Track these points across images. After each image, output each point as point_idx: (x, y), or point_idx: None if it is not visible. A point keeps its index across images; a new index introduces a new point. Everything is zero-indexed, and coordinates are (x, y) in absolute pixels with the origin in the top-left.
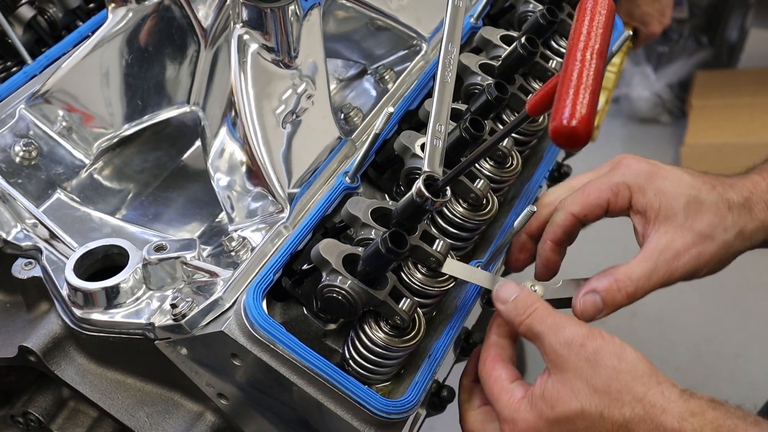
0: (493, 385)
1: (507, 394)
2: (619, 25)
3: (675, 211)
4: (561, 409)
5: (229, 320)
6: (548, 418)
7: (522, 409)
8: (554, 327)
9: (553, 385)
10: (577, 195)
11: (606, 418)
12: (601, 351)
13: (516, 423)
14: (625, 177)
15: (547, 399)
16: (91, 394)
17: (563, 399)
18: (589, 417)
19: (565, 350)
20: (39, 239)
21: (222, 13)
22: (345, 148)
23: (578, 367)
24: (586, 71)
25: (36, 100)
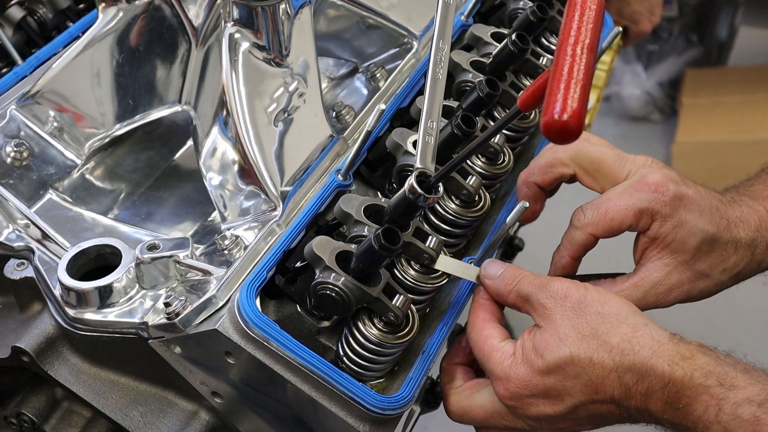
0: (483, 344)
1: (498, 352)
2: (609, 22)
3: (686, 248)
4: (550, 357)
5: (223, 318)
6: (539, 368)
7: (514, 364)
8: (540, 284)
9: (542, 335)
10: (600, 216)
11: (596, 362)
12: (585, 298)
13: (509, 379)
14: (651, 204)
15: (536, 349)
16: (85, 394)
17: (552, 347)
18: (579, 362)
19: (550, 302)
20: (31, 240)
21: (213, 12)
22: (337, 145)
23: (564, 316)
24: (577, 66)
25: (27, 101)
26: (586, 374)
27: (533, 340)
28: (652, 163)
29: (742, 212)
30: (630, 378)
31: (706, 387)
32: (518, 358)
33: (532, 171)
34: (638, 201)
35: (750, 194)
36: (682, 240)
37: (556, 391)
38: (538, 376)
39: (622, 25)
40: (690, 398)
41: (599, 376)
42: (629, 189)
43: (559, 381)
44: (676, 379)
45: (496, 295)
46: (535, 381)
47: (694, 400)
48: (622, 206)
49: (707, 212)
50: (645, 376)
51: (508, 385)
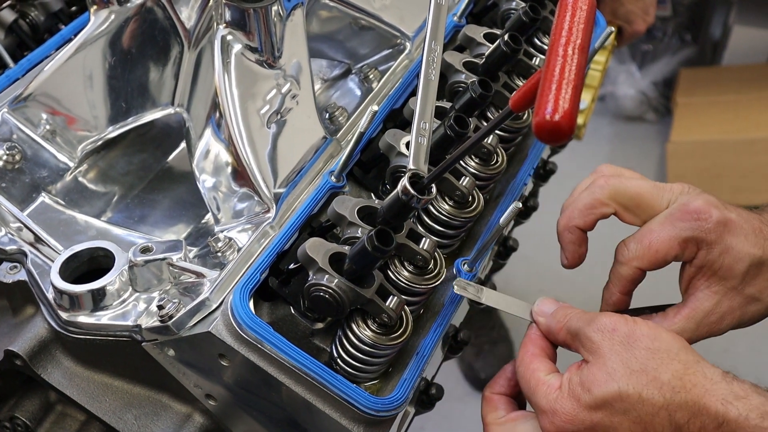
0: (530, 377)
1: (544, 385)
2: (601, 21)
3: (735, 273)
4: (598, 392)
5: (216, 321)
6: (586, 402)
7: (560, 398)
8: (588, 319)
9: (589, 370)
10: (644, 250)
11: (645, 399)
12: (635, 333)
13: (555, 413)
14: (695, 232)
15: (583, 383)
16: (78, 397)
17: (599, 381)
18: (628, 399)
19: (598, 336)
20: (24, 243)
21: (205, 14)
22: (330, 147)
23: (613, 350)
24: (569, 66)
25: (19, 104)
26: (635, 411)
27: (580, 374)
28: (689, 190)
29: None
30: (681, 417)
31: (763, 429)
32: (564, 392)
33: (572, 215)
34: (682, 230)
35: None
36: (729, 266)
37: (603, 428)
38: (584, 412)
39: (616, 25)
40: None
41: (648, 413)
42: (671, 218)
43: (607, 417)
44: (730, 419)
45: (548, 333)
46: (581, 416)
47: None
48: (665, 237)
49: (752, 235)
50: (697, 415)
51: (554, 420)
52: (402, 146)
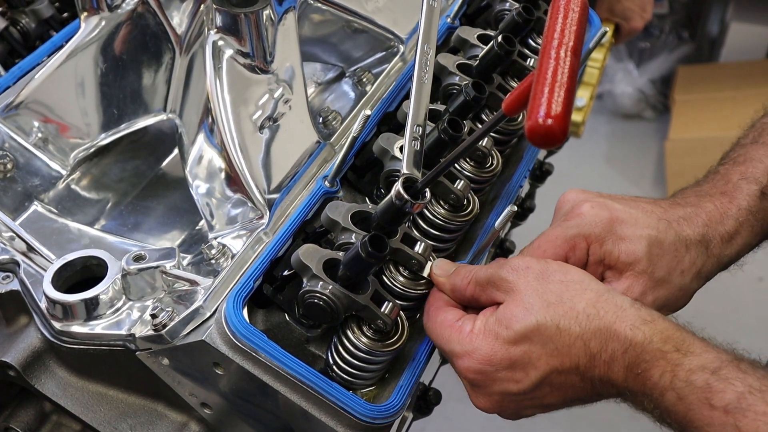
0: (440, 328)
1: (457, 330)
2: (596, 21)
3: (637, 256)
4: (517, 326)
5: (210, 329)
6: (505, 338)
7: (475, 339)
8: (498, 264)
9: (506, 307)
10: (533, 252)
11: (563, 329)
12: (548, 268)
13: (472, 354)
14: (581, 228)
15: (501, 321)
16: (73, 408)
17: (518, 317)
18: (546, 330)
19: (513, 275)
20: (16, 252)
21: (196, 20)
22: (324, 152)
23: (529, 286)
24: (561, 69)
25: (10, 112)
26: (553, 342)
27: (497, 314)
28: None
29: (685, 212)
30: (595, 344)
31: (663, 352)
32: (480, 332)
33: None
34: (567, 229)
35: (696, 194)
36: (628, 251)
37: (522, 363)
38: (503, 347)
39: (613, 22)
40: (648, 363)
41: (566, 343)
42: (559, 222)
43: (526, 351)
44: (636, 343)
45: (452, 290)
46: (501, 353)
47: (651, 365)
48: (551, 237)
49: (642, 219)
50: (608, 341)
51: (471, 361)
52: (396, 150)
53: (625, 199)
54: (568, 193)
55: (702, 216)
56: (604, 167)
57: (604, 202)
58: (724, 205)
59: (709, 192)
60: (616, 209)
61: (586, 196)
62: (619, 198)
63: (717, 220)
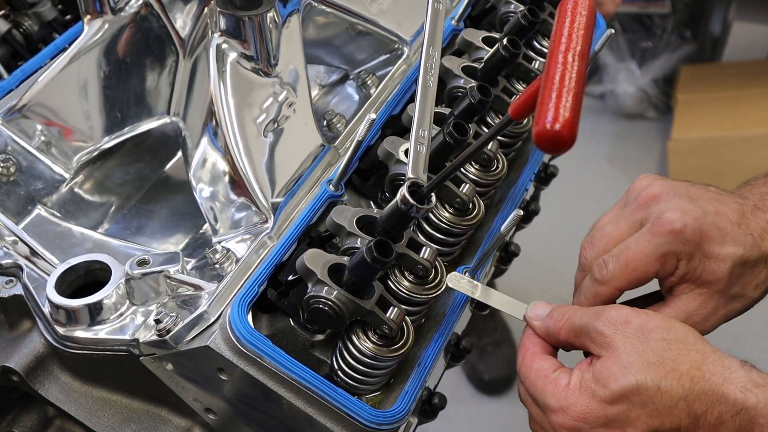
0: (535, 378)
1: (552, 383)
2: (602, 23)
3: (719, 276)
4: (615, 386)
5: (215, 334)
6: (602, 397)
7: (571, 395)
8: (595, 313)
9: (603, 364)
10: (622, 270)
11: (664, 391)
12: (648, 324)
13: (567, 410)
14: (671, 246)
15: (597, 378)
16: (76, 413)
17: (615, 375)
18: (646, 391)
19: (610, 329)
20: (19, 257)
21: (200, 23)
22: (328, 155)
23: (627, 343)
24: (569, 74)
25: (13, 115)
26: (653, 403)
27: (593, 369)
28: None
29: (766, 222)
30: (699, 406)
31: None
32: (576, 388)
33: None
34: (658, 246)
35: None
36: (711, 271)
37: (619, 422)
38: (600, 406)
39: None
40: (763, 426)
41: (667, 405)
42: (647, 234)
43: (624, 411)
44: (748, 406)
45: (547, 335)
46: (597, 411)
47: (767, 429)
48: (642, 255)
49: (730, 235)
50: (715, 404)
51: (566, 417)
52: (401, 154)
53: (711, 200)
54: (648, 182)
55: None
56: (607, 167)
57: (694, 212)
58: None
59: None
60: (707, 223)
61: (670, 195)
62: (704, 198)
63: None
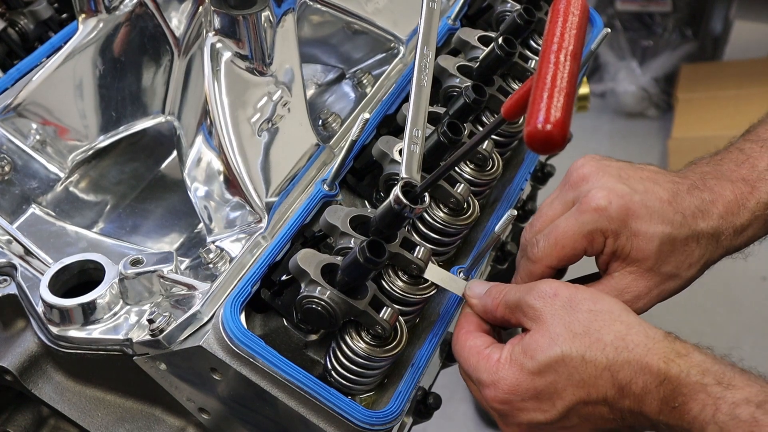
0: (468, 355)
1: (485, 359)
2: (598, 22)
3: (647, 254)
4: (541, 357)
5: (208, 334)
6: (529, 369)
7: (501, 368)
8: (527, 288)
9: (531, 337)
10: (551, 248)
11: (588, 360)
12: (576, 297)
13: (497, 383)
14: (597, 224)
15: (526, 351)
16: (70, 413)
17: (542, 347)
18: (571, 361)
19: (539, 302)
20: (13, 256)
21: (194, 22)
22: (323, 154)
23: (555, 315)
24: (560, 74)
25: (8, 114)
26: (578, 373)
27: (522, 343)
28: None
29: (702, 201)
30: (624, 376)
31: (703, 385)
32: (506, 362)
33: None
34: (584, 224)
35: (716, 175)
36: (639, 248)
37: (548, 394)
38: (528, 378)
39: None
40: (686, 396)
41: (592, 375)
42: (574, 213)
43: (551, 382)
44: (672, 376)
45: (484, 312)
46: (525, 383)
47: (690, 399)
48: (570, 233)
49: (658, 213)
50: (639, 373)
51: (497, 391)
52: (395, 153)
53: (642, 179)
54: (582, 163)
55: (719, 207)
56: None
57: (621, 190)
58: (744, 195)
59: (730, 175)
60: (634, 201)
61: (599, 174)
62: (635, 178)
63: (733, 211)
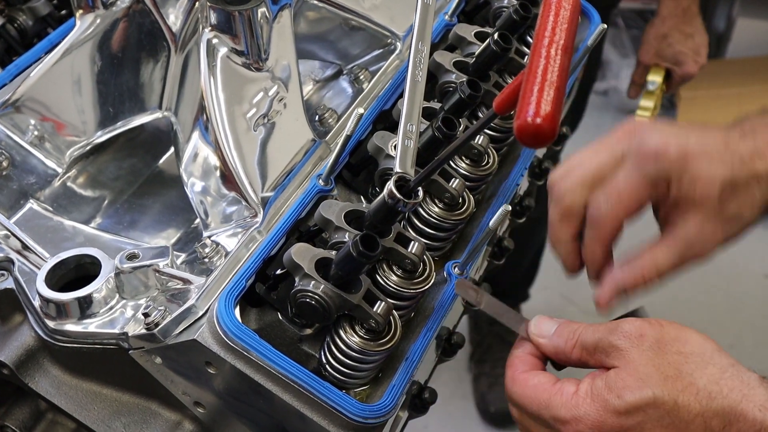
0: (536, 393)
1: (558, 394)
2: (596, 18)
3: (710, 196)
4: (630, 397)
5: (202, 328)
6: (616, 408)
7: (582, 403)
8: (608, 329)
9: (618, 374)
10: (616, 203)
11: (681, 406)
12: (664, 337)
13: (581, 419)
14: (660, 169)
15: (611, 388)
16: (67, 406)
17: (631, 387)
18: (663, 405)
19: (625, 342)
20: (11, 250)
21: (191, 17)
22: (319, 150)
23: (643, 356)
24: (551, 68)
25: (6, 110)
26: (669, 417)
27: (606, 379)
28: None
29: (756, 144)
30: (717, 424)
31: None
32: (587, 397)
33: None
34: (647, 172)
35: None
36: (703, 191)
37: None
38: (613, 416)
39: (663, 67)
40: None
41: (683, 420)
42: (632, 162)
43: (639, 423)
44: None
45: (556, 354)
46: (611, 421)
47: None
48: (633, 184)
49: (717, 156)
50: (734, 422)
51: (580, 426)
52: (390, 148)
53: (693, 129)
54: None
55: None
56: None
57: (676, 135)
58: None
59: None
60: (690, 144)
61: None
62: (685, 128)
63: None
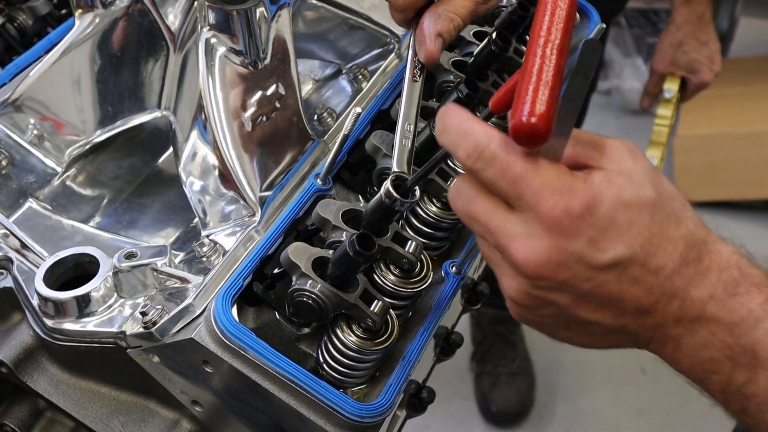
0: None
1: (550, 166)
2: (595, 17)
3: None
4: (640, 191)
5: (200, 327)
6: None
7: (597, 184)
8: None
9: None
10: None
11: (671, 216)
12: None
13: (574, 192)
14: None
15: (621, 174)
16: (65, 405)
17: (636, 184)
18: (662, 208)
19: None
20: (10, 249)
21: (190, 17)
22: (317, 149)
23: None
24: (546, 68)
25: (6, 109)
26: (658, 224)
27: (614, 170)
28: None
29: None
30: (694, 254)
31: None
32: (604, 178)
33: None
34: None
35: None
36: None
37: (617, 228)
38: (615, 198)
39: (678, 76)
40: (757, 286)
41: (667, 234)
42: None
43: (630, 221)
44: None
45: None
46: (608, 200)
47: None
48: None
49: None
50: (708, 254)
51: (572, 200)
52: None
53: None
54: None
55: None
56: None
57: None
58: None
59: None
60: None
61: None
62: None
63: None
